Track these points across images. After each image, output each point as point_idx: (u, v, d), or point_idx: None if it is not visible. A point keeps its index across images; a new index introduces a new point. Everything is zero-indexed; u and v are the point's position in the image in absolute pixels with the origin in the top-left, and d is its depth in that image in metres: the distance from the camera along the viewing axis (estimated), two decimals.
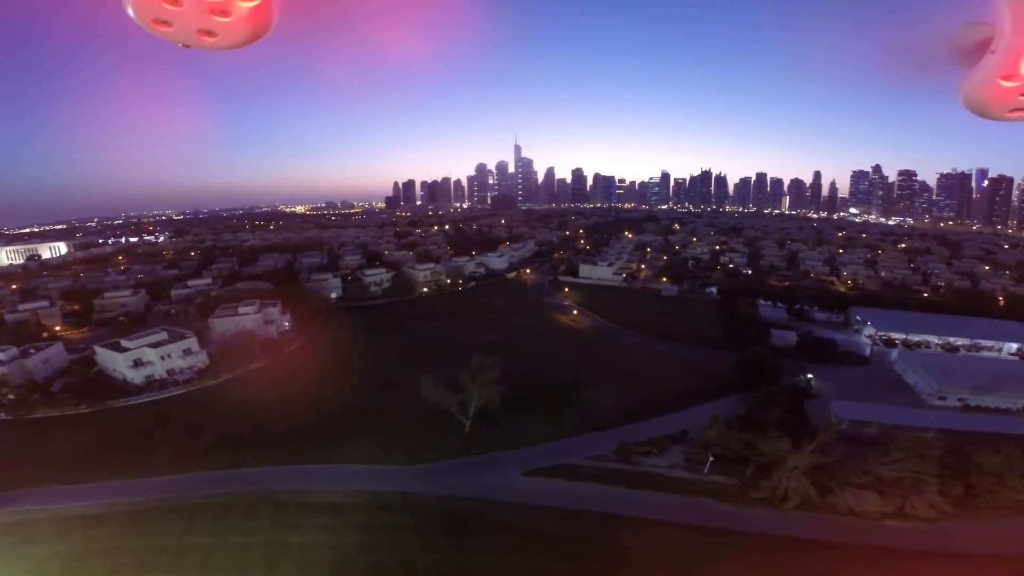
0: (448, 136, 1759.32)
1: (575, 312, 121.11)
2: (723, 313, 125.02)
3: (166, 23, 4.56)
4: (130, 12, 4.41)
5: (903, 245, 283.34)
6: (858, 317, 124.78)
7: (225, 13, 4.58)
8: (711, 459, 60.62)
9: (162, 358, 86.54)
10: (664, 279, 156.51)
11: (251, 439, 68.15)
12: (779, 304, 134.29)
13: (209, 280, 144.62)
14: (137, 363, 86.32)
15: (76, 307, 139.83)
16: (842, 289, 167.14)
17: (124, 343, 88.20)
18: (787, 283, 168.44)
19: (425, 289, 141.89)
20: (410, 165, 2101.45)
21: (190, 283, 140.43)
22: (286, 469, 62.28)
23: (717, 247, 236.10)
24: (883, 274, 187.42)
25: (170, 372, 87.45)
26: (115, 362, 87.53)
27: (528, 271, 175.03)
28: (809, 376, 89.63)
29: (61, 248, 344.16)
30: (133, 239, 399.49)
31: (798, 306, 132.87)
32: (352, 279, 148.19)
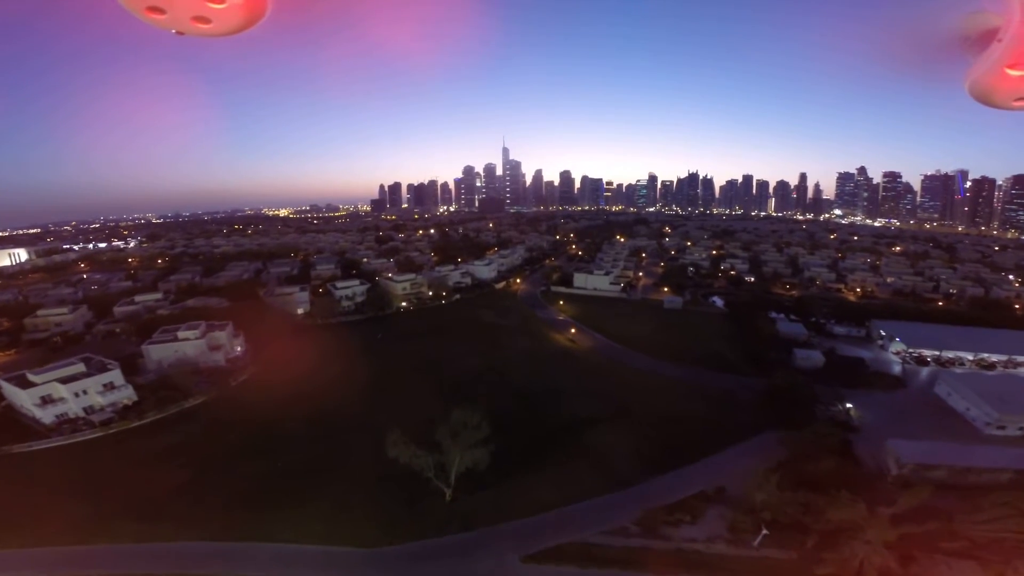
0: (435, 138, 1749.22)
1: (573, 330, 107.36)
2: (735, 328, 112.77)
3: (159, 10, 4.50)
4: (122, 2, 4.33)
5: (898, 248, 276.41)
6: (882, 331, 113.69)
7: None
8: (764, 532, 47.49)
9: (76, 395, 70.97)
10: (665, 289, 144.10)
11: (171, 502, 53.81)
12: (792, 317, 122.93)
13: (160, 295, 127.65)
14: (46, 400, 70.68)
15: (7, 326, 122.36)
16: (851, 298, 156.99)
17: (30, 376, 72.40)
18: (793, 291, 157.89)
19: (404, 304, 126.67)
20: (397, 167, 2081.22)
21: (137, 299, 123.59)
22: (212, 547, 48.12)
23: (714, 252, 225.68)
24: (889, 280, 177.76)
25: (88, 410, 71.91)
26: (20, 398, 71.81)
27: (518, 280, 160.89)
28: (848, 406, 77.65)
29: (21, 255, 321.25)
30: (102, 244, 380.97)
31: (813, 319, 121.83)
32: (323, 292, 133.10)
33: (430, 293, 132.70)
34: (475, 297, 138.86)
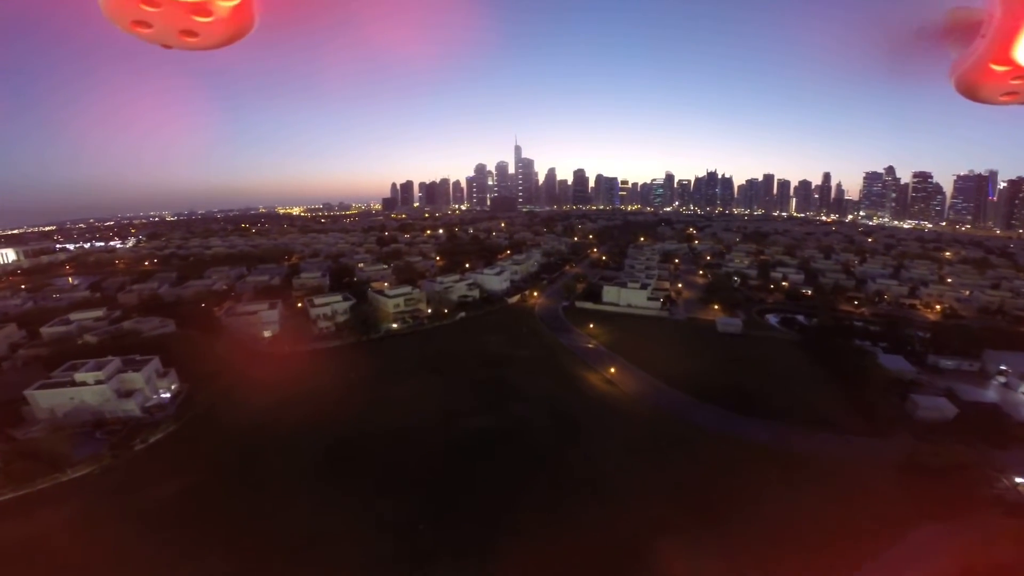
0: (448, 136, 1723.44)
1: (612, 369, 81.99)
2: (817, 362, 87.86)
3: (146, 24, 4.40)
4: (107, 15, 4.27)
5: (948, 254, 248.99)
6: (1003, 367, 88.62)
7: (206, 13, 4.38)
8: None
9: None
10: (716, 306, 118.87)
11: None
12: (882, 344, 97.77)
13: (100, 312, 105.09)
14: None
15: None
16: (931, 316, 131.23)
17: None
18: (862, 308, 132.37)
19: (395, 324, 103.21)
20: (409, 166, 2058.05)
21: (72, 317, 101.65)
22: None
23: (752, 257, 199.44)
24: (966, 293, 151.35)
25: None
26: None
27: (535, 294, 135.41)
28: (1019, 481, 53.75)
29: (9, 255, 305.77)
30: (99, 244, 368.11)
31: (909, 348, 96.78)
32: (302, 308, 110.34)
33: (429, 311, 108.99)
34: (483, 315, 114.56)
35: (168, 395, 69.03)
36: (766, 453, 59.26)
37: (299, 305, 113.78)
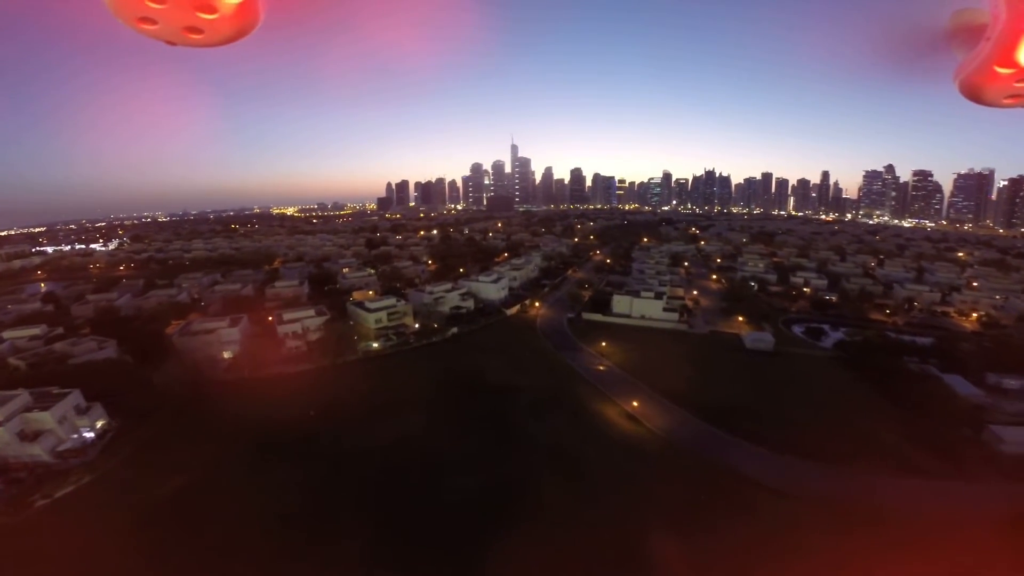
0: (444, 135, 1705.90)
1: (634, 402, 67.88)
2: (864, 382, 75.85)
3: (151, 21, 4.38)
4: (113, 12, 4.27)
5: (962, 254, 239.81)
6: None
7: (211, 10, 4.38)
8: None
9: None
10: (740, 318, 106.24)
11: None
12: (931, 360, 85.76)
13: (38, 330, 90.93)
14: None
15: None
16: (968, 326, 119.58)
17: None
18: (895, 318, 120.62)
19: (376, 343, 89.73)
20: (405, 165, 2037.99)
21: (7, 335, 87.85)
22: None
23: (766, 259, 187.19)
24: (997, 298, 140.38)
25: None
26: None
27: (536, 303, 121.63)
28: None
29: None
30: (81, 246, 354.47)
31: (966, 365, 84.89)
32: (271, 322, 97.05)
33: (416, 325, 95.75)
34: (478, 330, 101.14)
35: (92, 435, 55.85)
36: (841, 511, 46.61)
37: (269, 320, 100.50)
